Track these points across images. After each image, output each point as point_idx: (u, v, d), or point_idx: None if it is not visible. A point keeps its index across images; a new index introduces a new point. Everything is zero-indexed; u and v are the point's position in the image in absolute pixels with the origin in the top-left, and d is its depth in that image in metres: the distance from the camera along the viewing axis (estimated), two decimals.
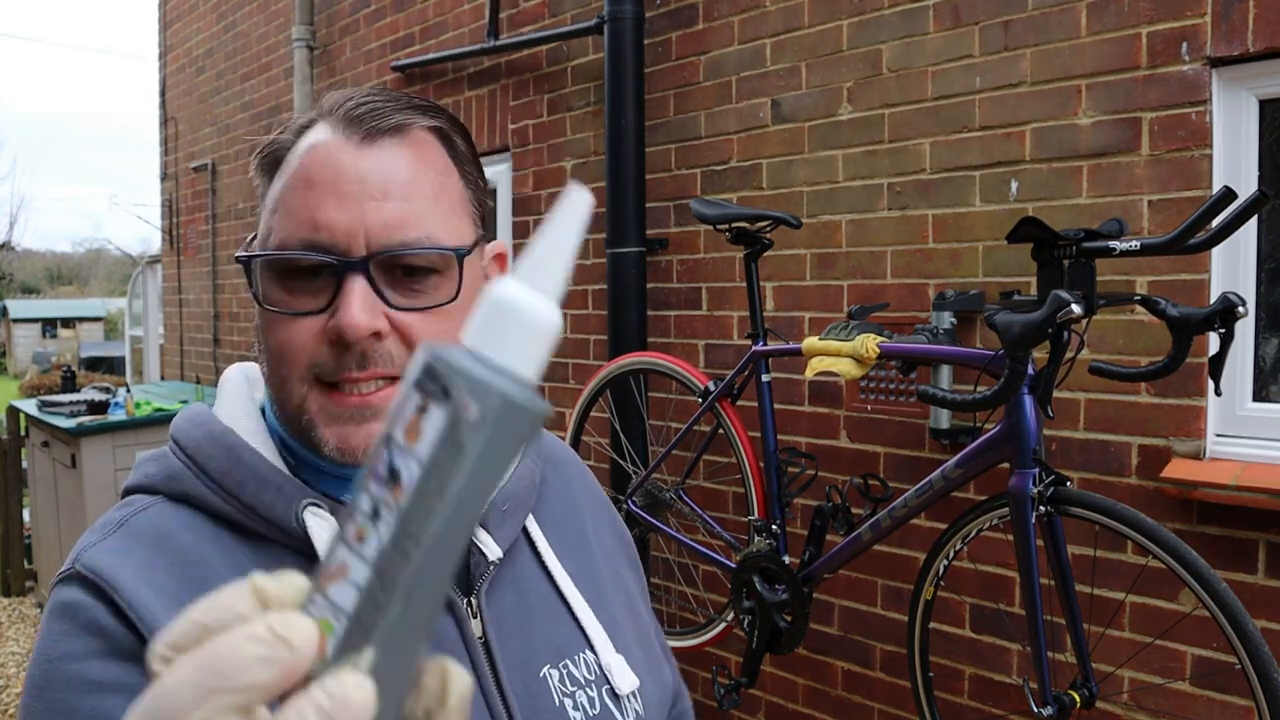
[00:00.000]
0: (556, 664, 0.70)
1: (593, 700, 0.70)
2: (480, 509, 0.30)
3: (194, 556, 0.60)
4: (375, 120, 0.64)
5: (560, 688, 0.69)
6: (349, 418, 0.62)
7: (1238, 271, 1.83)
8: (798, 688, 2.49)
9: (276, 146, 0.66)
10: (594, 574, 0.77)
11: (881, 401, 2.27)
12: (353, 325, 0.60)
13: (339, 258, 0.61)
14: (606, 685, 0.71)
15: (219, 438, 0.64)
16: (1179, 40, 1.81)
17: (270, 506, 0.62)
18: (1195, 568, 1.41)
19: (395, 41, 3.86)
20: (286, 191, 0.63)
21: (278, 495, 0.62)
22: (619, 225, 2.75)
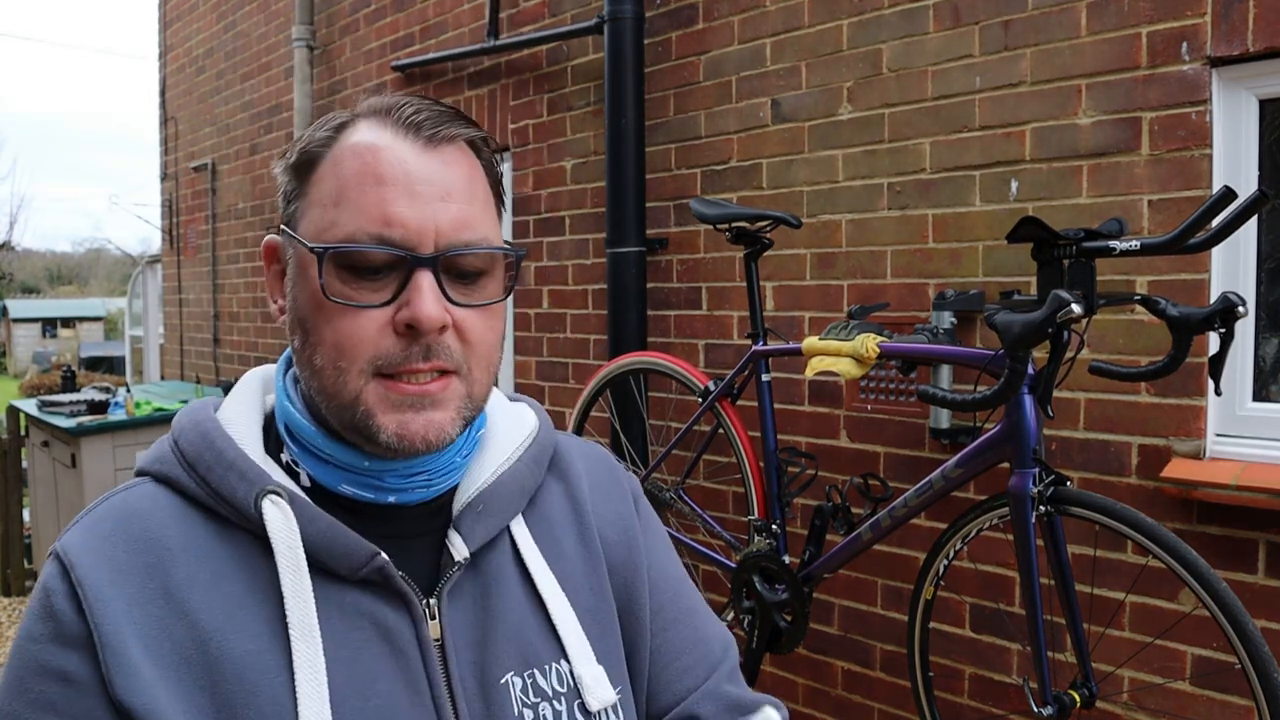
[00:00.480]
0: (521, 673, 0.68)
1: (559, 714, 0.68)
2: None
3: (156, 535, 0.63)
4: (435, 127, 0.66)
5: (522, 697, 0.67)
6: (409, 405, 0.64)
7: (1238, 271, 1.83)
8: (798, 687, 2.49)
9: (311, 144, 0.68)
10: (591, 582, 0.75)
11: (881, 401, 2.27)
12: (429, 317, 0.62)
13: (411, 253, 0.63)
14: (578, 699, 0.69)
15: (198, 425, 0.67)
16: (1179, 40, 1.81)
17: (232, 491, 0.64)
18: (1195, 567, 1.41)
19: (395, 41, 3.86)
20: (350, 186, 0.64)
21: (240, 480, 0.64)
22: (619, 225, 2.75)
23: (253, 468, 0.65)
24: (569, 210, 3.10)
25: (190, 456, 0.65)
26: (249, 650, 0.60)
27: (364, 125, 0.67)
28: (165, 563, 0.61)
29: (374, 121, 0.67)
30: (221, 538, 0.63)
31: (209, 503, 0.64)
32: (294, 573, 0.62)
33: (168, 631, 0.59)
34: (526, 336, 3.29)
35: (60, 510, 4.45)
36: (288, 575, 0.62)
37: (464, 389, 0.66)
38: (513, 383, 3.35)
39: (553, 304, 3.18)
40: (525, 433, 0.78)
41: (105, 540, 0.62)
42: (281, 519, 0.62)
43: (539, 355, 3.23)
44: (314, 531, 0.63)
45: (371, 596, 0.65)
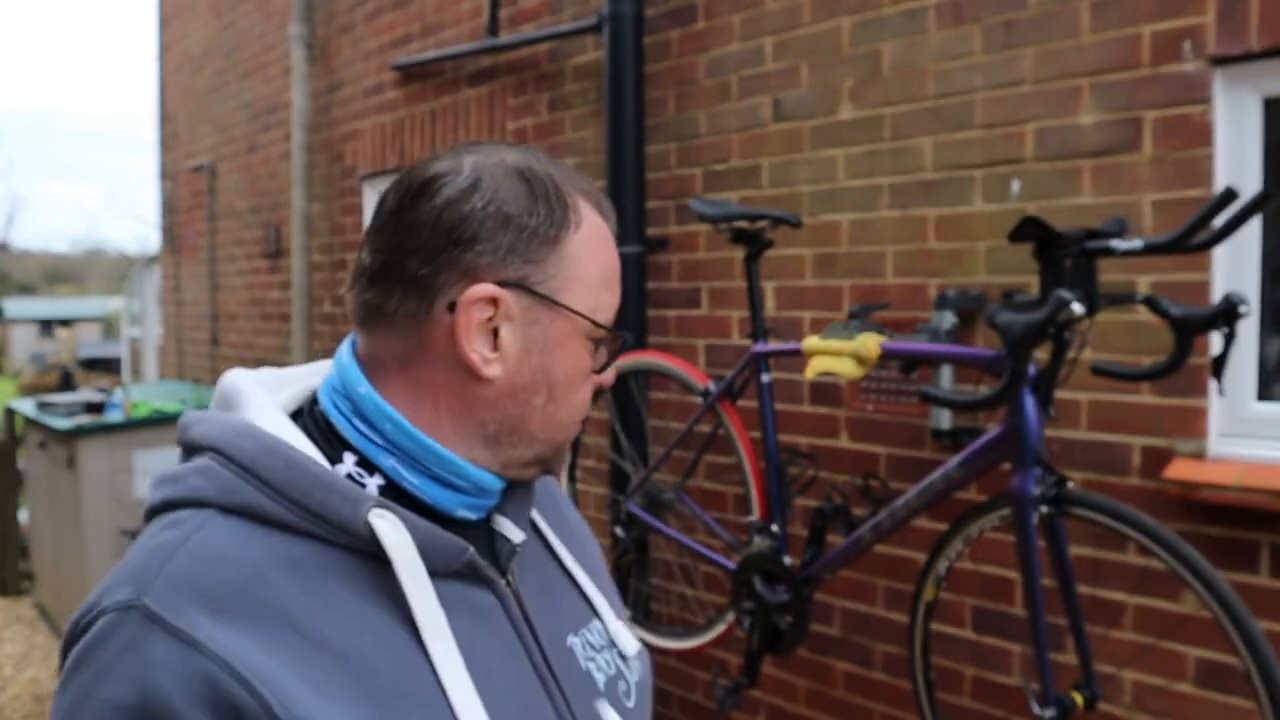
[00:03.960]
0: (576, 633, 0.79)
1: (609, 662, 0.80)
2: None
3: (260, 573, 0.62)
4: (613, 225, 0.77)
5: (584, 653, 0.78)
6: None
7: (1240, 271, 1.82)
8: (798, 689, 2.49)
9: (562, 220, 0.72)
10: (584, 557, 0.88)
11: (882, 401, 2.26)
12: (610, 385, 0.79)
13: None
14: (615, 649, 0.82)
15: (276, 450, 0.66)
16: (1181, 39, 1.80)
17: (337, 511, 0.64)
18: (1198, 569, 1.40)
19: (394, 40, 3.86)
20: (609, 275, 0.75)
21: (344, 501, 0.64)
22: (619, 225, 2.73)
23: (349, 486, 0.65)
24: None
25: (279, 484, 0.64)
26: (390, 660, 0.63)
27: (586, 207, 0.73)
28: (280, 600, 0.61)
29: (592, 207, 0.74)
30: (316, 556, 0.64)
31: (302, 526, 0.64)
32: (418, 579, 0.65)
33: (311, 660, 0.60)
34: None
35: (57, 511, 4.43)
36: (411, 582, 0.64)
37: None
38: None
39: None
40: None
41: (216, 598, 0.59)
42: (393, 531, 0.64)
43: None
44: (417, 537, 0.66)
45: (463, 585, 0.70)
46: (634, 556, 2.58)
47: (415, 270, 0.68)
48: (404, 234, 0.69)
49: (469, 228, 0.68)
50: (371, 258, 0.70)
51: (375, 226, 0.72)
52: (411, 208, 0.69)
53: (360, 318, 0.72)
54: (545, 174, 0.72)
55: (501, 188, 0.69)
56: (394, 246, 0.69)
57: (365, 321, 0.71)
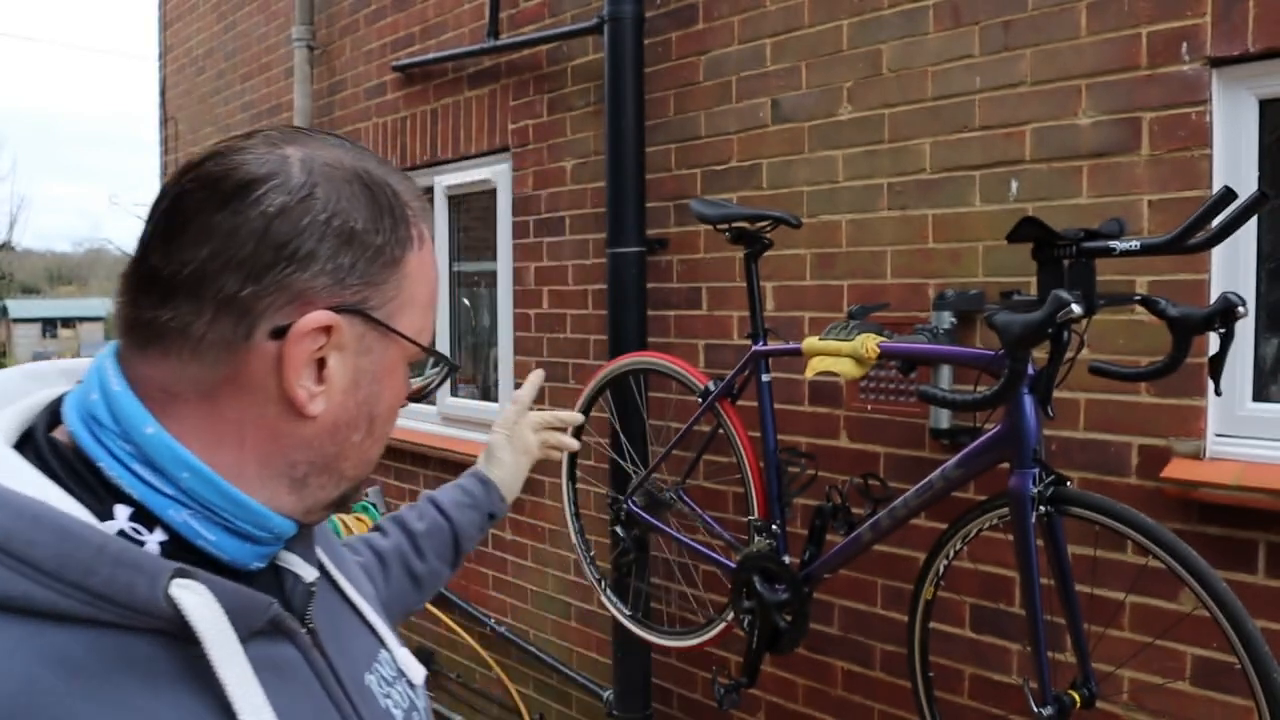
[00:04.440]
0: (371, 669, 0.73)
1: (404, 695, 0.75)
2: None
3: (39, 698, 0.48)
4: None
5: (380, 690, 0.72)
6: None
7: (1238, 271, 1.83)
8: (798, 688, 2.49)
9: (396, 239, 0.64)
10: (356, 581, 0.81)
11: (881, 401, 2.27)
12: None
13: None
14: (405, 679, 0.76)
15: (38, 518, 0.51)
16: (1179, 40, 1.81)
17: (130, 591, 0.51)
18: (1195, 567, 1.41)
19: (395, 41, 3.86)
20: (430, 300, 0.68)
21: (138, 575, 0.52)
22: (619, 225, 2.75)
23: (141, 556, 0.53)
24: (569, 210, 3.10)
25: (49, 564, 0.50)
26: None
27: (420, 219, 0.67)
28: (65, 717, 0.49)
29: (424, 219, 0.68)
30: (100, 648, 0.51)
31: (81, 613, 0.51)
32: (231, 656, 0.54)
33: None
34: (526, 337, 3.29)
35: None
36: (225, 662, 0.54)
37: None
38: (513, 383, 3.35)
39: (553, 304, 3.18)
40: None
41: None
42: (201, 604, 0.53)
43: (539, 355, 3.23)
44: (224, 603, 0.55)
45: (265, 643, 0.60)
46: (634, 556, 2.58)
47: (234, 289, 0.56)
48: (218, 243, 0.56)
49: (306, 243, 0.58)
50: (167, 265, 0.57)
51: (171, 227, 0.58)
52: (229, 211, 0.57)
53: (143, 337, 0.58)
54: (384, 180, 0.63)
55: (342, 196, 0.60)
56: (206, 257, 0.56)
57: (151, 342, 0.58)
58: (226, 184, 0.58)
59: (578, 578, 3.10)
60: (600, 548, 2.82)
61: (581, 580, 3.01)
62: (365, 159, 0.64)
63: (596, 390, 2.55)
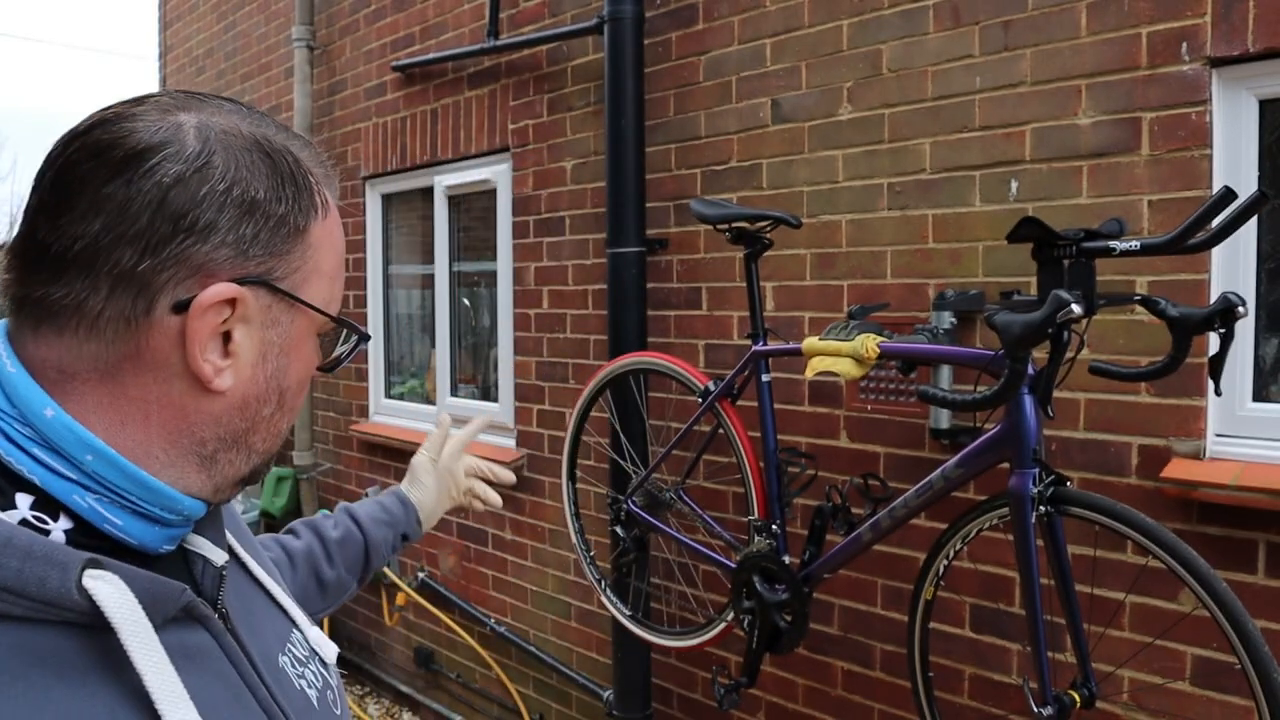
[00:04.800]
0: (284, 650, 0.72)
1: (317, 674, 0.74)
2: None
3: None
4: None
5: (294, 672, 0.71)
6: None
7: (1237, 271, 1.83)
8: (798, 688, 2.49)
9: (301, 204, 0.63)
10: (262, 559, 0.80)
11: (881, 401, 2.27)
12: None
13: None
14: (318, 657, 0.76)
15: None
16: (1179, 40, 1.81)
17: (42, 584, 0.50)
18: (1195, 567, 1.41)
19: (395, 41, 3.86)
20: (337, 268, 0.68)
21: (49, 567, 0.51)
22: (619, 225, 2.75)
23: (50, 545, 0.52)
24: (569, 210, 3.10)
25: None
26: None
27: (325, 186, 0.67)
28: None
29: (329, 185, 0.68)
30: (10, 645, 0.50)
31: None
32: (146, 645, 0.53)
33: None
34: (526, 336, 3.29)
35: None
36: (140, 651, 0.52)
37: None
38: (513, 383, 3.35)
39: (553, 304, 3.18)
40: None
41: None
42: (115, 594, 0.52)
43: (539, 355, 3.23)
44: (137, 591, 0.54)
45: (178, 630, 0.58)
46: (634, 556, 2.58)
47: (131, 263, 0.55)
48: (111, 215, 0.54)
49: (205, 214, 0.56)
50: (57, 240, 0.55)
51: (59, 200, 0.55)
52: (121, 182, 0.55)
53: (34, 316, 0.56)
54: (284, 147, 0.62)
55: (241, 164, 0.58)
56: (98, 231, 0.54)
57: (43, 321, 0.56)
58: (116, 153, 0.55)
59: (578, 578, 3.10)
60: (600, 548, 2.82)
61: (581, 580, 3.01)
62: (263, 125, 0.62)
63: (596, 390, 2.55)
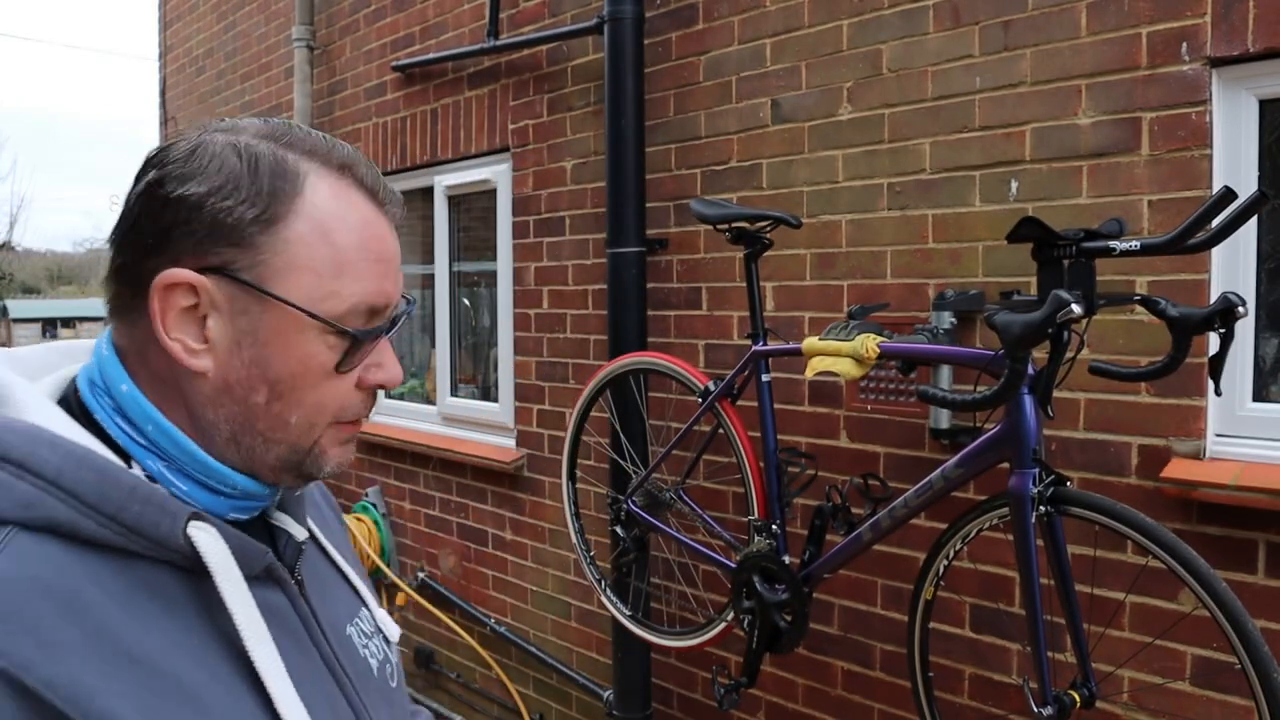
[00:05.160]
0: (351, 622, 0.81)
1: (379, 648, 0.84)
2: None
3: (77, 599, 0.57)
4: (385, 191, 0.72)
5: (360, 641, 0.81)
6: (349, 441, 0.73)
7: (1237, 271, 1.83)
8: (798, 687, 2.49)
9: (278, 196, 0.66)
10: (342, 547, 0.89)
11: (881, 401, 2.27)
12: (397, 380, 0.73)
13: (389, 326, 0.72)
14: (381, 634, 0.85)
15: (83, 460, 0.60)
16: (1179, 40, 1.81)
17: (155, 527, 0.61)
18: (1195, 567, 1.41)
19: (395, 41, 3.86)
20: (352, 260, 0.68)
21: (162, 514, 0.61)
22: (619, 225, 2.75)
23: (165, 496, 0.62)
24: (569, 210, 3.10)
25: (91, 498, 0.59)
26: (206, 679, 0.60)
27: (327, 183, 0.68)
28: (109, 625, 0.57)
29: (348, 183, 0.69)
30: (129, 573, 0.60)
31: (117, 542, 0.60)
32: (238, 591, 0.63)
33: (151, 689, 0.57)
34: (526, 337, 3.29)
35: None
36: (234, 595, 0.63)
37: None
38: (513, 383, 3.35)
39: (553, 304, 3.18)
40: None
41: (39, 629, 0.54)
42: (213, 543, 0.62)
43: (539, 355, 3.23)
44: (230, 545, 0.64)
45: (260, 588, 0.68)
46: (634, 556, 2.58)
47: (128, 258, 0.66)
48: (122, 220, 0.67)
49: (170, 211, 0.64)
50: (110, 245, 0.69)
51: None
52: (130, 193, 0.67)
53: (109, 309, 0.69)
54: (273, 150, 0.66)
55: (210, 167, 0.65)
56: (118, 234, 0.67)
57: (113, 315, 0.69)
58: (139, 169, 0.67)
59: (578, 578, 3.10)
60: (600, 548, 2.82)
61: (581, 580, 3.01)
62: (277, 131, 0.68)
63: (596, 390, 2.55)
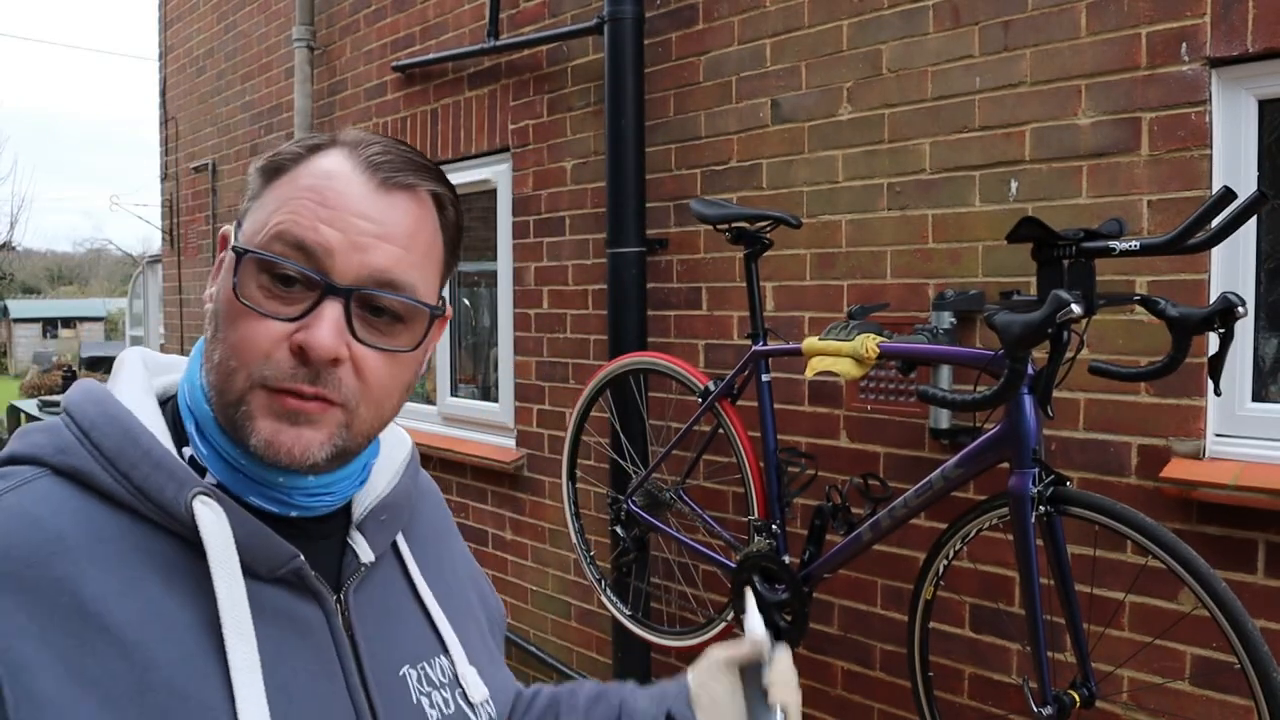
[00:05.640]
0: (415, 665, 0.75)
1: (447, 701, 0.76)
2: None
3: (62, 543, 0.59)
4: (394, 173, 0.68)
5: (418, 687, 0.74)
6: (285, 416, 0.65)
7: (1237, 271, 1.83)
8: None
9: (284, 156, 0.69)
10: (451, 596, 0.83)
11: (881, 401, 2.27)
12: (321, 345, 0.64)
13: (325, 277, 0.65)
14: (460, 690, 0.77)
15: (116, 418, 0.64)
16: (1179, 40, 1.81)
17: (160, 491, 0.62)
18: (1194, 567, 1.41)
19: (395, 41, 3.87)
20: (295, 199, 0.66)
21: (169, 480, 0.63)
22: (619, 225, 2.75)
23: (180, 467, 0.64)
24: (569, 210, 3.10)
25: (110, 452, 0.63)
26: (176, 657, 0.59)
27: (335, 153, 0.68)
28: (74, 577, 0.58)
29: (344, 152, 0.68)
30: (133, 536, 0.62)
31: (127, 500, 0.62)
32: (229, 575, 0.62)
33: (89, 649, 0.57)
34: (526, 336, 3.29)
35: None
36: (222, 577, 0.62)
37: (343, 419, 0.67)
38: (513, 382, 3.35)
39: (553, 304, 3.18)
40: (406, 450, 0.84)
41: (3, 558, 0.57)
42: (215, 521, 0.62)
43: (539, 355, 3.23)
44: (241, 534, 0.64)
45: (286, 593, 0.67)
46: (634, 555, 2.59)
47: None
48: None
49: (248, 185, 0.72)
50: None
51: None
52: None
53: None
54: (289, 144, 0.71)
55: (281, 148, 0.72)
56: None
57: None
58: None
59: (578, 578, 3.10)
60: (600, 548, 2.82)
61: (581, 580, 3.01)
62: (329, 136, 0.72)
63: (596, 390, 2.55)
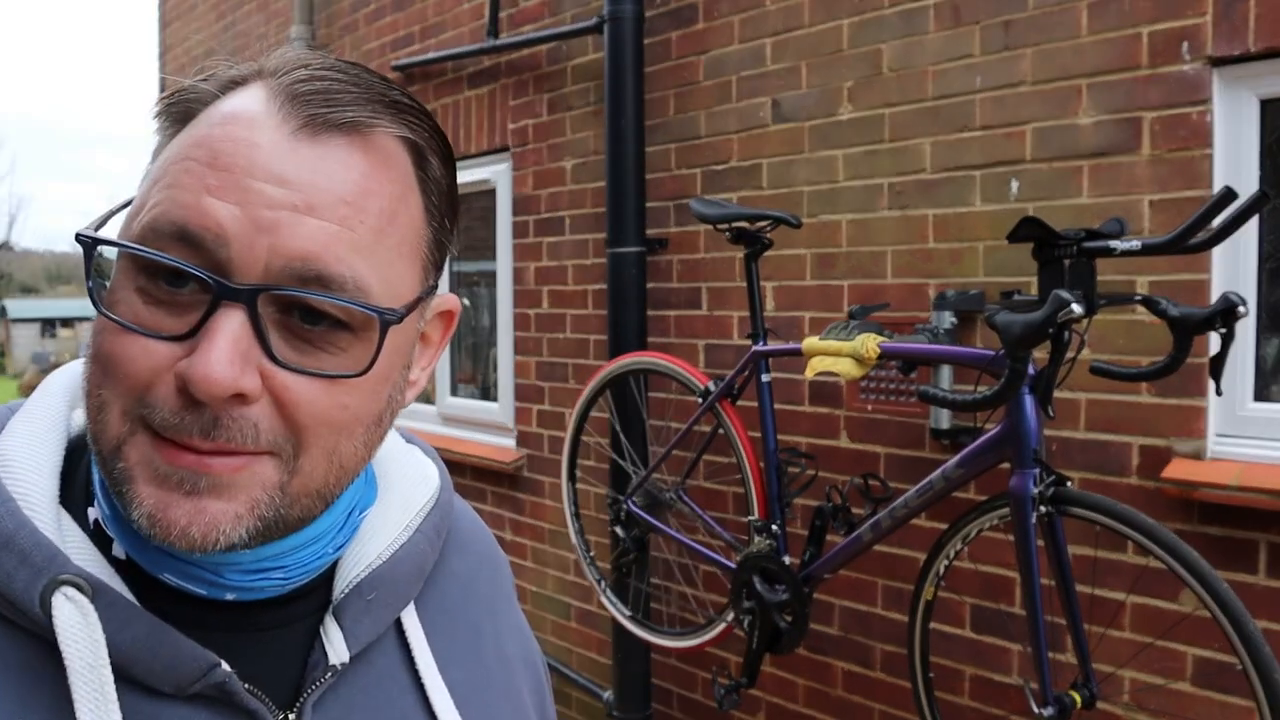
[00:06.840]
0: None
1: None
2: None
3: None
4: (326, 107, 0.46)
5: None
6: (176, 482, 0.44)
7: (1238, 271, 1.83)
8: (798, 688, 2.49)
9: (192, 95, 0.48)
10: (482, 691, 0.60)
11: (882, 401, 2.27)
12: (207, 379, 0.42)
13: (216, 276, 0.43)
14: None
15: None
16: (1180, 40, 1.81)
17: (8, 580, 0.45)
18: (1196, 568, 1.41)
19: (395, 41, 3.86)
20: (179, 163, 0.46)
21: (20, 565, 0.45)
22: (619, 225, 2.74)
23: (40, 543, 0.45)
24: (569, 210, 3.10)
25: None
26: None
27: (253, 89, 0.48)
28: None
29: (261, 85, 0.48)
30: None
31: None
32: (96, 698, 0.44)
33: None
34: (526, 336, 3.28)
35: None
36: (86, 702, 0.44)
37: (277, 478, 0.46)
38: (513, 383, 3.35)
39: (553, 304, 3.18)
40: (427, 494, 0.60)
41: None
42: (79, 623, 0.44)
43: (539, 355, 3.23)
44: (127, 638, 0.45)
45: (207, 713, 0.48)
46: (634, 556, 2.58)
47: None
48: None
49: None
50: None
51: None
52: None
53: None
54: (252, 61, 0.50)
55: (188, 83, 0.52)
56: None
57: None
58: None
59: (578, 578, 3.10)
60: (600, 548, 2.82)
61: (581, 580, 3.01)
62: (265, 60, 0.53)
63: (596, 390, 2.55)
